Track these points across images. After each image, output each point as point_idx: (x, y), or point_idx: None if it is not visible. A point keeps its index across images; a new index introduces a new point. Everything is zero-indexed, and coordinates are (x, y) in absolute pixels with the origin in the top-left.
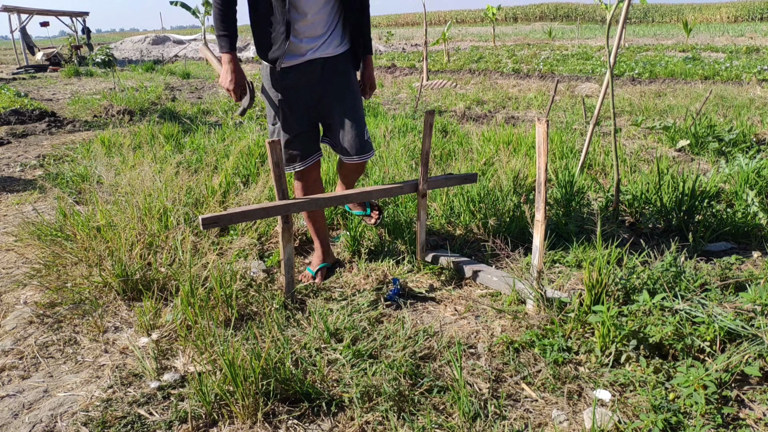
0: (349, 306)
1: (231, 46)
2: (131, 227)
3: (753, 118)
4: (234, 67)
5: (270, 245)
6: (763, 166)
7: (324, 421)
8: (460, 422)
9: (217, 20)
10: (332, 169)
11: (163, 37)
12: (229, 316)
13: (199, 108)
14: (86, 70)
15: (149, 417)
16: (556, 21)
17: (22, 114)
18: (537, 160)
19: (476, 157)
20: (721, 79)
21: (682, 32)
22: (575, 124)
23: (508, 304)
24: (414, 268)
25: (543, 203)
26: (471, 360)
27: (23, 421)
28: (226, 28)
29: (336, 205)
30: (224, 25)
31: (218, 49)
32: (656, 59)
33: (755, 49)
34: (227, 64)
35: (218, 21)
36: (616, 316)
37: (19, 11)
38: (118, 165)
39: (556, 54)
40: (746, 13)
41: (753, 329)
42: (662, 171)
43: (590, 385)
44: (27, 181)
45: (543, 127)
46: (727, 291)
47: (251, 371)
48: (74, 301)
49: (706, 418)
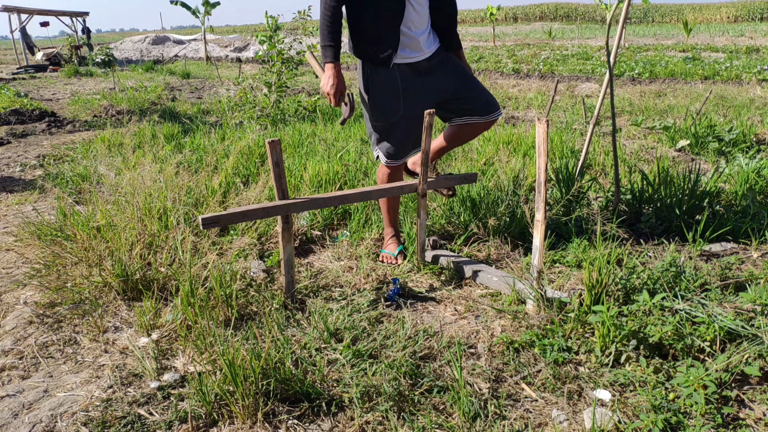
0: (349, 306)
1: (335, 56)
2: (131, 227)
3: (753, 118)
4: (336, 73)
5: (270, 245)
6: (763, 166)
7: (324, 421)
8: (460, 422)
9: (324, 32)
10: (332, 170)
11: (163, 37)
12: (229, 316)
13: (199, 108)
14: (86, 70)
15: (149, 417)
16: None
17: (22, 114)
18: (537, 160)
19: (476, 157)
20: (721, 79)
21: (682, 32)
22: (575, 124)
23: (508, 304)
24: (414, 268)
25: (543, 203)
26: (471, 360)
27: (23, 421)
28: (333, 40)
29: (336, 205)
30: (331, 36)
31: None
32: (656, 59)
33: (755, 49)
34: (330, 71)
35: (325, 33)
36: (616, 316)
37: (19, 11)
38: (118, 165)
39: (556, 54)
40: (746, 13)
41: (753, 329)
42: (662, 171)
43: (590, 385)
44: (27, 181)
45: (543, 127)
46: (727, 291)
47: (251, 371)
48: (74, 301)
49: (706, 418)
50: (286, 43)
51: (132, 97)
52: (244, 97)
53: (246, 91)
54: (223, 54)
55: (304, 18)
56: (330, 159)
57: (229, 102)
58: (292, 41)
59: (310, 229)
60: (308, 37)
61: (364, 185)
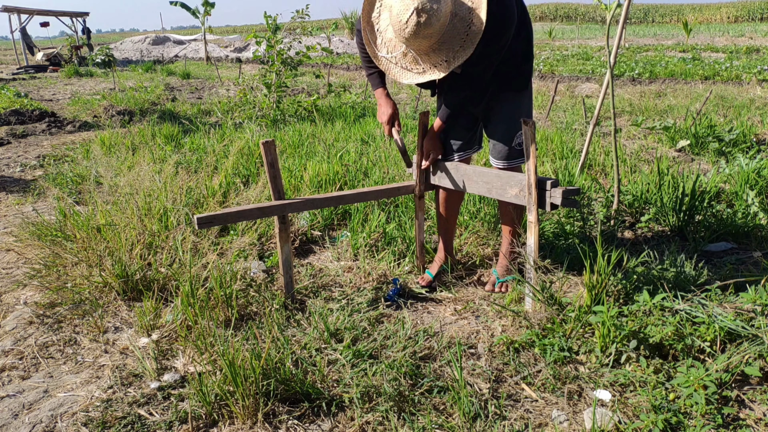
0: (349, 306)
1: (379, 82)
2: (131, 227)
3: (753, 118)
4: (382, 101)
5: (270, 245)
6: (763, 166)
7: (324, 421)
8: (461, 422)
9: (365, 63)
10: (332, 170)
11: (163, 37)
12: (229, 316)
13: (199, 108)
14: (86, 70)
15: (149, 417)
16: (556, 21)
17: (22, 114)
18: (526, 162)
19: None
20: (721, 80)
21: (682, 32)
22: (575, 124)
23: (508, 303)
24: (414, 268)
25: (534, 205)
26: (471, 360)
27: (23, 421)
28: (374, 67)
29: (332, 205)
30: (371, 65)
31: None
32: (656, 59)
33: (755, 49)
34: (378, 99)
35: (366, 63)
36: (617, 316)
37: (19, 11)
38: (118, 165)
39: (556, 54)
40: (746, 14)
41: (753, 329)
42: (662, 171)
43: (590, 385)
44: (27, 181)
45: (530, 129)
46: (727, 291)
47: (251, 371)
48: (74, 302)
49: (706, 419)
50: (285, 43)
51: (132, 98)
52: (244, 97)
53: (246, 91)
54: (223, 54)
55: (302, 17)
56: (330, 159)
57: (229, 102)
58: (291, 41)
59: (311, 229)
60: (307, 37)
61: (364, 186)
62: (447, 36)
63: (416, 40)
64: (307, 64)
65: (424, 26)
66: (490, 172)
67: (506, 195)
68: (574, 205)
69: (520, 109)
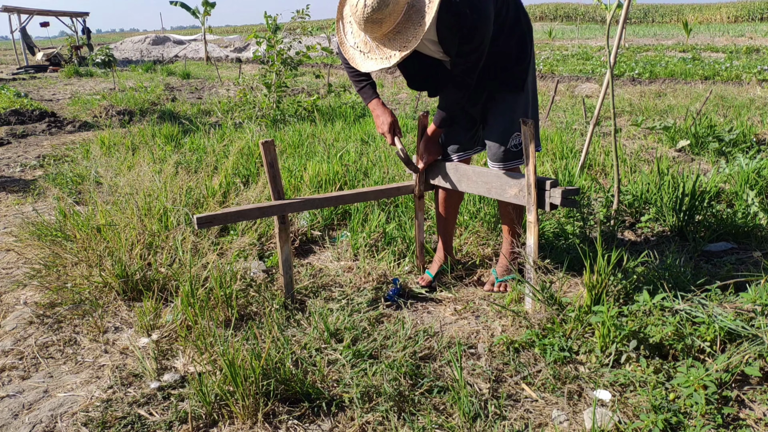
0: (349, 306)
1: (372, 94)
2: (131, 227)
3: (753, 118)
4: (378, 112)
5: (270, 245)
6: (763, 166)
7: (324, 421)
8: (461, 422)
9: (353, 78)
10: (332, 170)
11: (164, 37)
12: (229, 316)
13: (199, 108)
14: (86, 70)
15: (149, 417)
16: (556, 21)
17: (22, 114)
18: (526, 163)
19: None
20: (721, 80)
21: (682, 32)
22: (575, 124)
23: (508, 303)
24: (414, 268)
25: (534, 206)
26: (471, 360)
27: (23, 421)
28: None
29: (331, 205)
30: (359, 78)
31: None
32: (656, 59)
33: (755, 49)
34: (373, 111)
35: (353, 78)
36: (617, 316)
37: (19, 11)
38: (118, 165)
39: (556, 54)
40: (746, 14)
41: (753, 329)
42: (662, 171)
43: (590, 386)
44: (27, 181)
45: (529, 129)
46: (727, 291)
47: (251, 371)
48: (74, 302)
49: (706, 419)
50: (285, 43)
51: (132, 98)
52: (244, 97)
53: (246, 91)
54: (223, 54)
55: (302, 17)
56: (330, 159)
57: (229, 102)
58: (291, 41)
59: (311, 229)
60: (307, 37)
61: (364, 186)
62: (402, 26)
63: (369, 25)
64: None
65: (375, 10)
66: (490, 172)
67: (506, 195)
68: (573, 205)
69: (515, 110)
